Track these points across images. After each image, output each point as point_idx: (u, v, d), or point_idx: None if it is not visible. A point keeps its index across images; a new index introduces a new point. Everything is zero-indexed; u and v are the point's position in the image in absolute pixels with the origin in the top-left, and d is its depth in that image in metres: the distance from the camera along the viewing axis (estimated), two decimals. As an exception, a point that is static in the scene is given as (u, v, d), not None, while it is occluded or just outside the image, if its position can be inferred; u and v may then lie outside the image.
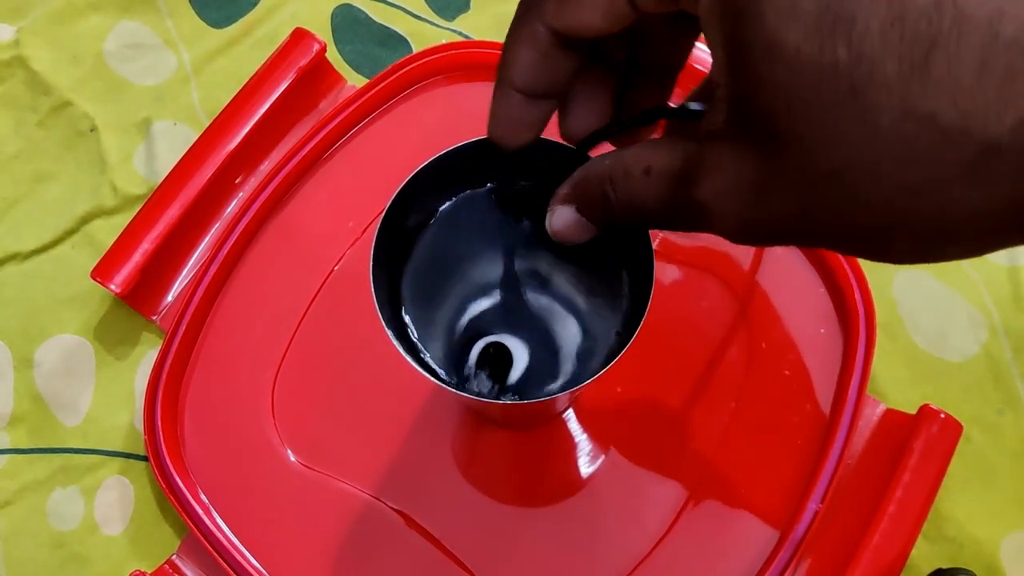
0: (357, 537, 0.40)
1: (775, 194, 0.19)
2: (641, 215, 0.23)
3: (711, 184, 0.20)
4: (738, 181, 0.20)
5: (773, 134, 0.18)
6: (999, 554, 0.40)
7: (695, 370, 0.42)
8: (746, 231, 0.21)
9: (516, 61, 0.24)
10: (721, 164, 0.20)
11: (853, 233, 0.19)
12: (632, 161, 0.23)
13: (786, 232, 0.20)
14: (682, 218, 0.22)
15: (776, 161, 0.19)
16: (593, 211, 0.25)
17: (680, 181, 0.21)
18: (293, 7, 0.51)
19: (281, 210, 0.46)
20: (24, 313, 0.45)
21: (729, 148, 0.20)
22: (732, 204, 0.20)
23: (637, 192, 0.23)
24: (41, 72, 0.50)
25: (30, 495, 0.42)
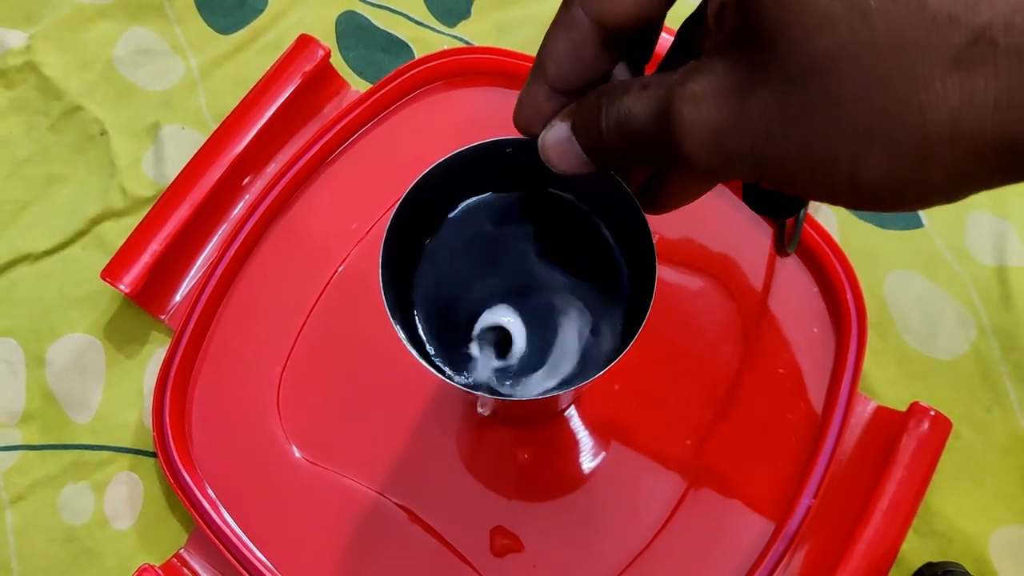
0: (361, 532, 0.40)
1: (754, 92, 0.18)
2: (627, 134, 0.21)
3: (694, 86, 0.19)
4: (721, 82, 0.18)
5: (763, 32, 0.17)
6: (988, 548, 0.40)
7: (691, 368, 0.42)
8: (715, 143, 0.19)
9: (550, 49, 0.23)
10: (711, 68, 0.19)
11: (826, 147, 0.17)
12: (635, 80, 0.22)
13: (755, 149, 0.19)
14: (659, 134, 0.20)
15: (761, 56, 0.18)
16: (586, 130, 0.23)
17: (669, 90, 0.20)
18: (298, 14, 0.51)
19: (287, 212, 0.46)
20: (36, 312, 0.45)
21: (721, 56, 0.19)
22: (708, 109, 0.19)
23: (629, 107, 0.21)
24: (52, 77, 0.50)
25: (42, 490, 0.42)
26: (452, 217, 0.33)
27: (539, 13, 0.50)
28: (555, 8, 0.50)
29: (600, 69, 0.23)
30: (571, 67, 0.23)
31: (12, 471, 0.43)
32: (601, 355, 0.33)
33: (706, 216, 0.42)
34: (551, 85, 0.23)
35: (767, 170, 0.19)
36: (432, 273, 0.32)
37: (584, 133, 0.23)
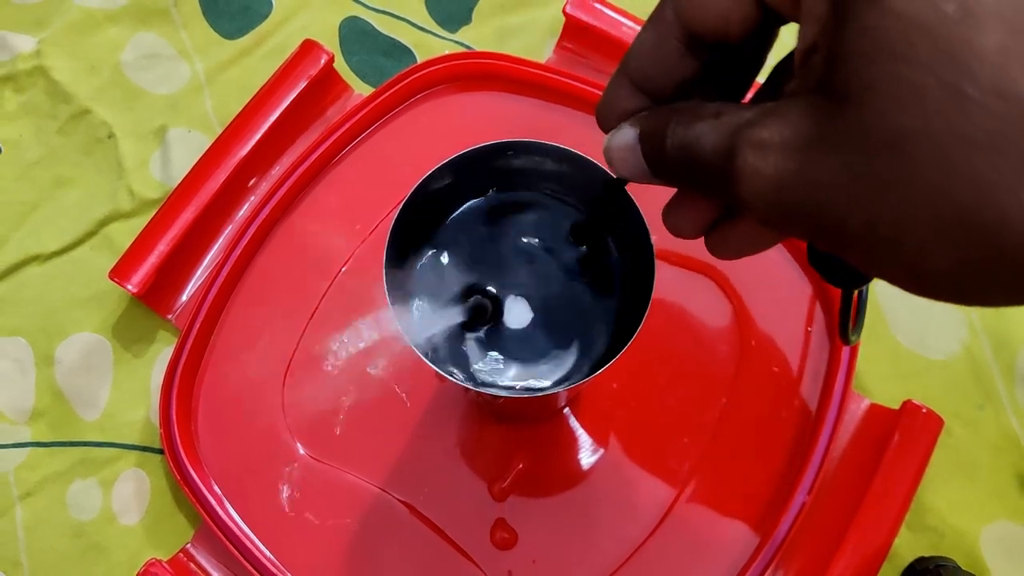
0: (364, 527, 0.40)
1: (826, 153, 0.16)
2: (688, 161, 0.20)
3: (763, 132, 0.17)
4: (793, 133, 0.17)
5: (849, 87, 0.16)
6: (979, 543, 0.40)
7: (688, 367, 0.42)
8: (775, 197, 0.17)
9: (636, 42, 0.22)
10: (785, 115, 0.17)
11: (891, 229, 0.16)
12: (710, 104, 0.20)
13: (815, 211, 0.17)
14: (719, 173, 0.19)
15: (841, 115, 0.16)
16: (650, 142, 0.22)
17: (738, 127, 0.18)
18: (303, 19, 0.51)
19: (291, 213, 0.46)
20: (45, 312, 0.46)
21: (799, 103, 0.17)
22: (774, 161, 0.17)
23: (697, 133, 0.20)
24: (61, 81, 0.50)
25: (51, 486, 0.43)
26: (454, 218, 0.33)
27: (538, 19, 0.50)
28: (555, 14, 0.50)
29: (680, 71, 0.22)
30: (652, 62, 0.22)
31: (22, 468, 0.43)
32: (599, 354, 0.33)
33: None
34: (631, 79, 0.23)
35: (824, 235, 0.18)
36: (434, 272, 0.32)
37: (648, 145, 0.22)
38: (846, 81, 0.16)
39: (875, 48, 0.15)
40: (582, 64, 0.48)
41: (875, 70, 0.15)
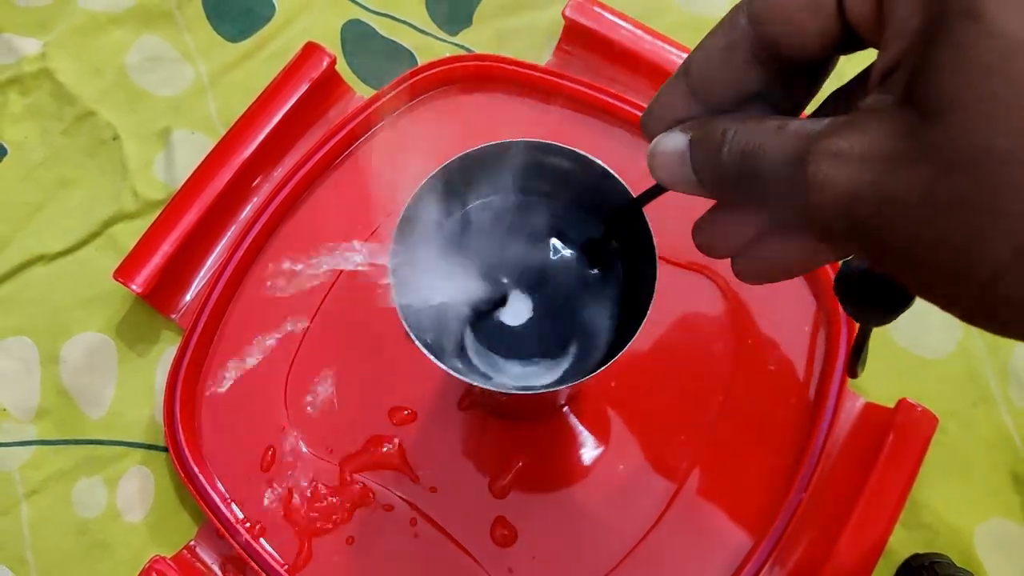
0: (366, 524, 0.40)
1: (905, 167, 0.16)
2: (750, 167, 0.19)
3: (841, 142, 0.17)
4: (872, 146, 0.16)
5: (937, 103, 0.15)
6: (973, 540, 0.40)
7: (686, 366, 0.42)
8: (846, 207, 0.17)
9: (702, 46, 0.21)
10: (864, 128, 0.17)
11: (965, 250, 0.15)
12: (770, 118, 0.20)
13: (886, 225, 0.16)
14: (786, 180, 0.18)
15: (924, 130, 0.15)
16: (704, 147, 0.21)
17: (810, 137, 0.18)
18: (305, 22, 0.51)
19: (294, 214, 0.46)
20: (50, 312, 0.46)
21: (878, 118, 0.17)
22: (850, 171, 0.17)
23: (761, 139, 0.19)
24: (66, 84, 0.50)
25: (56, 484, 0.43)
26: (457, 217, 0.33)
27: (537, 22, 0.50)
28: (554, 17, 0.50)
29: (744, 81, 0.21)
30: (717, 67, 0.21)
31: (27, 466, 0.43)
32: (598, 353, 0.33)
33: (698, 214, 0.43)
34: (691, 84, 0.22)
35: (889, 251, 0.17)
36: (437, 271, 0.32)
37: (702, 150, 0.21)
38: (935, 97, 0.15)
39: (969, 65, 0.15)
40: (581, 66, 0.48)
41: (967, 87, 0.15)
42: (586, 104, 0.46)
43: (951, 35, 0.15)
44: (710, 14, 0.51)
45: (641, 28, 0.47)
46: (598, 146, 0.33)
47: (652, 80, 0.46)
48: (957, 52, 0.15)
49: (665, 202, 0.27)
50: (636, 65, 0.46)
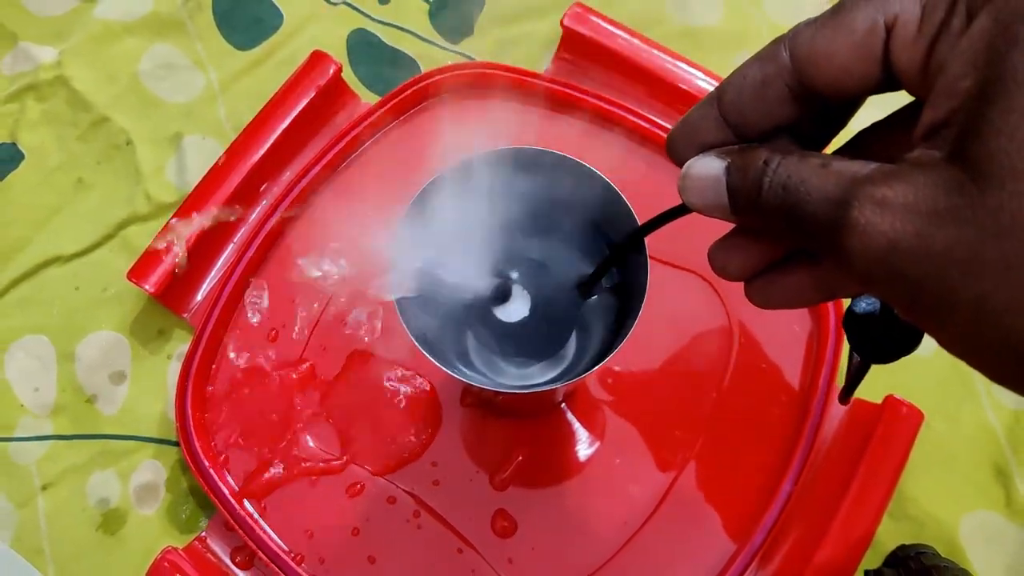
0: (371, 516, 0.40)
1: (949, 225, 0.16)
2: (790, 202, 0.19)
3: (887, 191, 0.17)
4: (917, 199, 0.16)
5: (990, 166, 0.15)
6: (958, 531, 0.40)
7: (680, 364, 0.42)
8: (885, 256, 0.17)
9: (738, 74, 0.21)
10: (911, 180, 0.16)
11: (1004, 314, 0.15)
12: (812, 155, 0.19)
13: (922, 279, 0.16)
14: (826, 220, 0.18)
15: (976, 191, 0.15)
16: (743, 175, 0.20)
17: (854, 180, 0.17)
18: (312, 31, 0.52)
19: (302, 216, 0.46)
20: (66, 311, 0.46)
21: (925, 171, 0.16)
22: (893, 221, 0.16)
23: (804, 175, 0.19)
24: (81, 90, 0.50)
25: (71, 478, 0.43)
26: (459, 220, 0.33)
27: (537, 31, 0.50)
28: (553, 26, 0.51)
29: (779, 115, 0.21)
30: (752, 98, 0.21)
31: (44, 460, 0.43)
32: (594, 352, 0.33)
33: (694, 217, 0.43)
34: (723, 111, 0.21)
35: (923, 304, 0.17)
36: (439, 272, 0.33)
37: (740, 178, 0.20)
38: (989, 161, 0.15)
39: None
40: (579, 74, 0.48)
41: (1018, 151, 0.15)
42: (584, 111, 0.46)
43: (1010, 100, 0.15)
44: (702, 24, 0.51)
45: (637, 37, 0.47)
46: (596, 150, 0.33)
47: (648, 87, 0.47)
48: (1011, 115, 0.15)
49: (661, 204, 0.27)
50: (632, 72, 0.47)
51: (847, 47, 0.19)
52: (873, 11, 0.18)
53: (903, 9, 0.18)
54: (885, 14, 0.18)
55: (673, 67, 0.46)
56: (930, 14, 0.18)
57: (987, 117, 0.15)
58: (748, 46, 0.51)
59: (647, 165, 0.46)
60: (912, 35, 0.18)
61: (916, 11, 0.18)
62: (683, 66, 0.46)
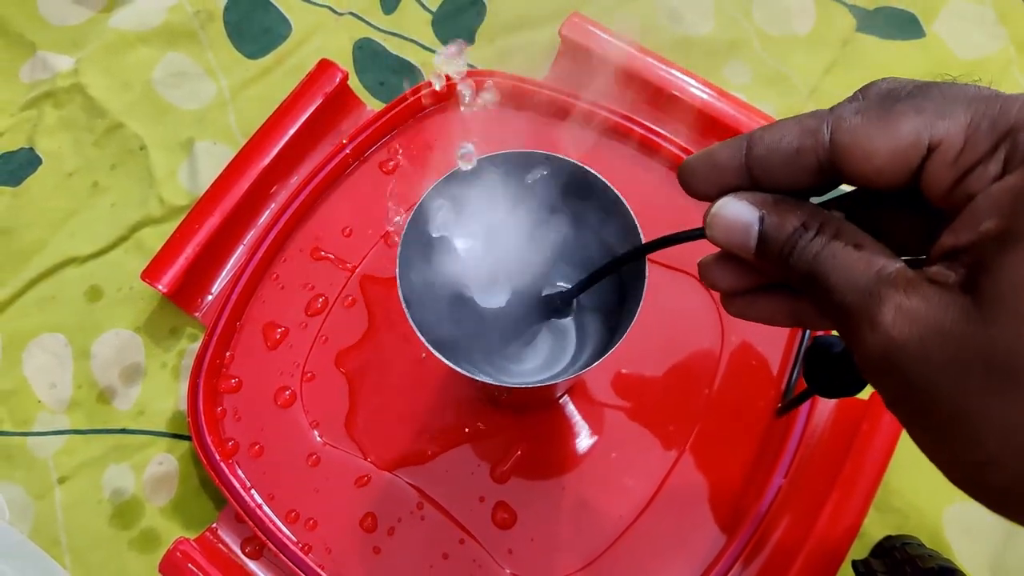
0: (376, 508, 0.40)
1: (950, 343, 0.17)
2: (816, 274, 0.19)
3: (907, 300, 0.17)
4: (928, 313, 0.17)
5: (998, 307, 0.16)
6: (941, 523, 0.40)
7: (674, 361, 0.42)
8: (890, 354, 0.17)
9: (775, 135, 0.21)
10: (927, 295, 0.17)
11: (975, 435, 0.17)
12: (846, 231, 0.19)
13: (917, 379, 0.17)
14: (847, 305, 0.19)
15: (984, 327, 0.16)
16: (776, 233, 0.20)
17: (880, 277, 0.18)
18: (319, 41, 0.52)
19: (308, 219, 0.46)
20: (82, 310, 0.46)
21: (943, 291, 0.17)
22: (905, 327, 0.17)
23: (835, 253, 0.19)
24: (97, 97, 0.50)
25: (87, 471, 0.43)
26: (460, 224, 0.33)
27: (536, 40, 0.50)
28: (551, 36, 0.50)
29: (802, 182, 0.21)
30: (782, 162, 0.20)
31: (60, 453, 0.43)
32: (592, 350, 0.33)
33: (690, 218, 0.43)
34: (749, 163, 0.21)
35: (906, 400, 0.18)
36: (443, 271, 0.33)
37: (775, 232, 0.20)
38: (994, 297, 0.16)
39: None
40: (576, 82, 0.48)
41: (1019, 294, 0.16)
42: (580, 116, 0.46)
43: (1018, 255, 0.16)
44: (695, 33, 0.51)
45: (632, 46, 0.47)
46: (593, 156, 0.33)
47: (643, 94, 0.47)
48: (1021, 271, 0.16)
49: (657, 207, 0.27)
50: (628, 80, 0.46)
51: (887, 152, 0.19)
52: (921, 126, 0.19)
53: (949, 135, 0.18)
54: (932, 133, 0.18)
55: (667, 75, 0.46)
56: (971, 148, 0.18)
57: (1000, 262, 0.16)
58: (739, 54, 0.50)
59: (643, 170, 0.46)
60: (950, 160, 0.18)
61: (959, 141, 0.18)
62: (677, 73, 0.46)
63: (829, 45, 0.51)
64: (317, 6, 0.52)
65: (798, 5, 0.52)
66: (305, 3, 0.53)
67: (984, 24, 0.51)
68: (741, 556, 0.38)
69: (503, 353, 0.36)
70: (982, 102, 0.18)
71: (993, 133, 0.18)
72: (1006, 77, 0.50)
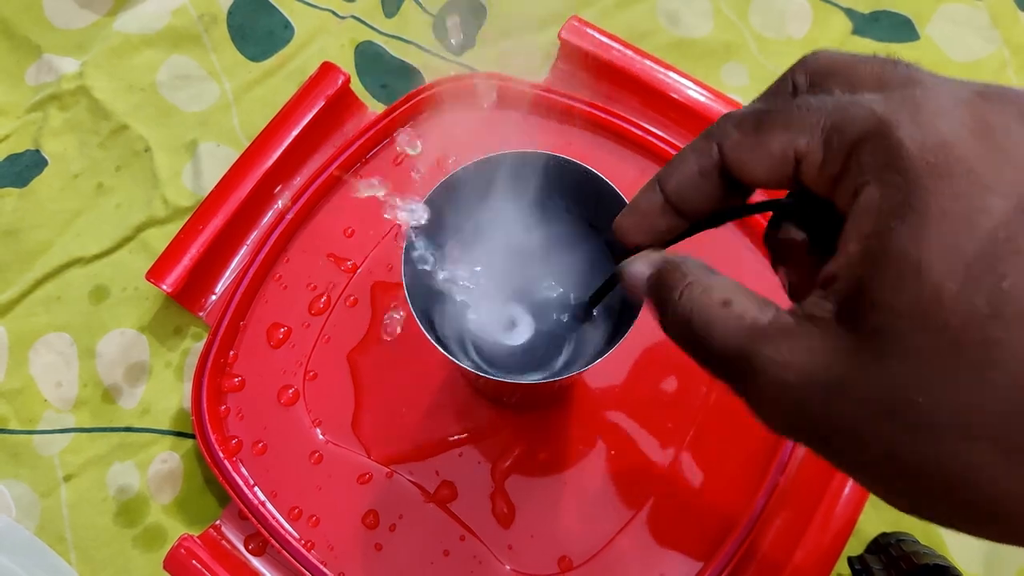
0: (378, 506, 0.40)
1: (839, 394, 0.16)
2: (692, 334, 0.19)
3: (785, 353, 0.17)
4: (813, 360, 0.16)
5: (876, 340, 0.15)
6: (936, 519, 0.40)
7: (673, 359, 0.42)
8: (778, 396, 0.17)
9: (678, 166, 0.21)
10: (807, 336, 0.17)
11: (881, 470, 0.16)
12: (717, 285, 0.19)
13: (815, 428, 0.17)
14: (729, 369, 0.19)
15: (859, 361, 0.16)
16: (658, 295, 0.21)
17: (754, 333, 0.18)
18: (321, 43, 0.51)
19: (311, 220, 0.46)
20: (87, 310, 0.46)
21: (819, 333, 0.16)
22: (786, 373, 0.17)
23: (702, 309, 0.19)
24: (102, 100, 0.50)
25: (92, 468, 0.43)
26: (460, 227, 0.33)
27: (535, 43, 0.50)
28: (551, 39, 0.50)
29: (718, 198, 0.21)
30: (691, 187, 0.21)
31: (66, 451, 0.43)
32: (593, 349, 0.33)
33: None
34: (667, 197, 0.22)
35: (801, 432, 0.18)
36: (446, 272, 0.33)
37: (655, 296, 0.21)
38: (879, 333, 0.15)
39: (910, 323, 0.15)
40: (576, 84, 0.48)
41: (910, 344, 0.15)
42: (580, 118, 0.46)
43: (889, 280, 0.15)
44: (693, 36, 0.51)
45: (631, 48, 0.47)
46: (591, 156, 0.33)
47: (641, 96, 0.46)
48: (900, 309, 0.15)
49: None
50: (626, 82, 0.46)
51: (764, 166, 0.19)
52: (786, 141, 0.18)
53: (809, 149, 0.18)
54: (796, 147, 0.18)
55: (665, 77, 0.46)
56: (830, 161, 0.18)
57: (870, 286, 0.15)
58: (736, 56, 0.50)
59: (640, 171, 0.46)
60: (815, 173, 0.18)
61: (819, 155, 0.18)
62: (675, 76, 0.46)
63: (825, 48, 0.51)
64: (319, 9, 0.52)
65: (794, 8, 0.52)
66: (307, 6, 0.52)
67: (977, 27, 0.51)
68: (739, 551, 0.38)
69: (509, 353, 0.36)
70: (837, 112, 0.17)
71: (843, 148, 0.17)
72: (1000, 79, 0.50)
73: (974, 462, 0.14)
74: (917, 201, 0.15)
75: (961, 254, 0.14)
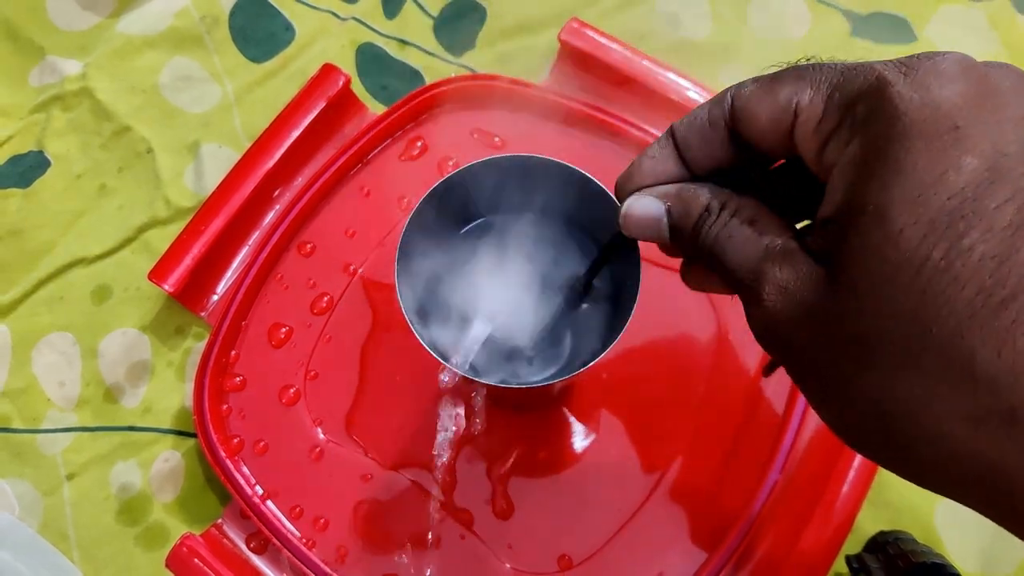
0: (378, 504, 0.40)
1: (816, 317, 0.17)
2: (717, 253, 0.20)
3: (780, 273, 0.18)
4: (796, 288, 0.18)
5: (844, 281, 0.17)
6: (933, 518, 0.40)
7: (670, 359, 0.42)
8: (769, 323, 0.19)
9: (693, 112, 0.22)
10: (796, 268, 0.18)
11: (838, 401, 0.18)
12: (748, 206, 0.20)
13: (791, 351, 0.19)
14: (740, 282, 0.20)
15: (834, 301, 0.17)
16: (683, 219, 0.21)
17: (766, 255, 0.19)
18: (322, 45, 0.51)
19: (312, 220, 0.46)
20: (90, 310, 0.46)
21: (809, 265, 0.18)
22: (780, 298, 0.18)
23: (732, 232, 0.20)
24: (104, 101, 0.50)
25: (95, 467, 0.43)
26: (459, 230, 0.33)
27: (534, 45, 0.50)
28: (550, 40, 0.50)
29: (718, 156, 0.21)
30: (698, 135, 0.21)
31: (68, 450, 0.43)
32: (589, 350, 0.33)
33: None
34: (676, 143, 0.22)
35: (792, 367, 0.19)
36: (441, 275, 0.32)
37: (680, 222, 0.21)
38: (846, 272, 0.17)
39: (871, 260, 0.16)
40: (575, 85, 0.48)
41: (863, 277, 0.16)
42: (580, 120, 0.46)
43: (866, 228, 0.16)
44: (692, 38, 0.51)
45: (630, 50, 0.47)
46: (591, 157, 0.32)
47: (640, 97, 0.46)
48: (864, 248, 0.16)
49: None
50: (626, 84, 0.46)
51: (766, 115, 0.20)
52: (792, 92, 0.19)
53: (811, 103, 0.19)
54: (799, 99, 0.19)
55: (664, 78, 0.46)
56: (828, 118, 0.18)
57: (847, 233, 0.17)
58: (735, 58, 0.50)
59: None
60: (811, 129, 0.19)
61: (819, 110, 0.18)
62: (674, 77, 0.46)
63: (824, 50, 0.50)
64: (320, 11, 0.52)
65: (793, 10, 0.52)
66: (309, 8, 0.52)
67: (975, 28, 0.51)
68: (738, 550, 0.38)
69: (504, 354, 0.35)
70: (846, 72, 0.18)
71: (842, 103, 0.18)
72: (997, 80, 0.50)
73: (913, 397, 0.16)
74: (894, 153, 0.16)
75: (927, 207, 0.15)
